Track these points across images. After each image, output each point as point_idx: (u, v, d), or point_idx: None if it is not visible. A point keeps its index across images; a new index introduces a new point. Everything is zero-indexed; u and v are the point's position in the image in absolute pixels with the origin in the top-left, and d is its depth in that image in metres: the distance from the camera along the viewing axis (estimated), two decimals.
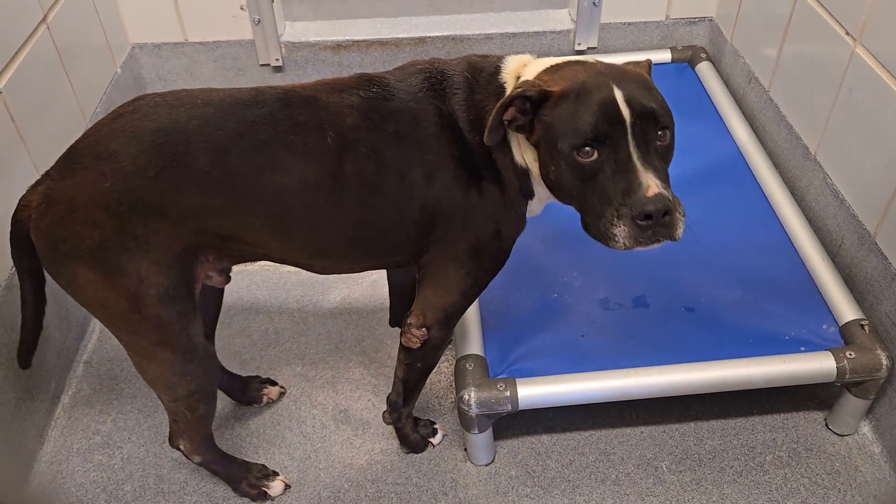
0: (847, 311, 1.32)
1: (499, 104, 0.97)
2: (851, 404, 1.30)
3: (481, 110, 1.06)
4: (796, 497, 1.26)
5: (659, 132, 0.96)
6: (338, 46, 2.01)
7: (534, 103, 0.97)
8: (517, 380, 1.24)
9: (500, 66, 1.07)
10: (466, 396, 1.22)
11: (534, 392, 1.23)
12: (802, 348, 1.28)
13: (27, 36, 1.46)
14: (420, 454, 1.35)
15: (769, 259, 1.45)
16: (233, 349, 1.51)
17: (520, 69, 1.05)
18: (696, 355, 1.28)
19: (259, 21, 1.95)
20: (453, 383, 1.37)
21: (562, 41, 2.04)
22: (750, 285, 1.40)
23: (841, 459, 1.31)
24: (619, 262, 1.47)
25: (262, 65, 2.03)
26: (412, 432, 1.34)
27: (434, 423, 1.38)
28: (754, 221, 1.53)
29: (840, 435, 1.35)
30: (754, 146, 1.69)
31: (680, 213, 0.96)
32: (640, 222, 0.93)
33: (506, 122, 0.99)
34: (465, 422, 1.26)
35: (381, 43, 2.01)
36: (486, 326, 1.35)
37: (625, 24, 2.03)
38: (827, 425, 1.36)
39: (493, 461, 1.33)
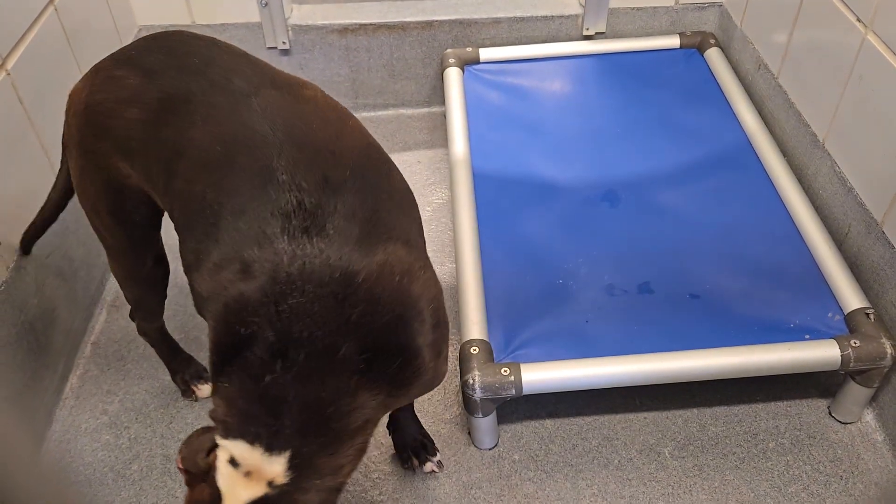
0: (852, 299, 1.32)
1: None
2: (855, 392, 1.31)
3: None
4: (798, 484, 1.26)
5: None
6: (345, 30, 2.00)
7: None
8: (521, 364, 1.24)
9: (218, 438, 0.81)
10: (471, 380, 1.23)
11: (538, 377, 1.24)
12: (807, 336, 1.28)
13: (35, 17, 1.46)
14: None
15: (775, 246, 1.45)
16: None
17: (230, 482, 0.79)
18: (700, 342, 1.28)
19: (266, 3, 1.94)
20: (458, 367, 1.38)
21: (570, 26, 2.03)
22: (755, 273, 1.40)
23: (843, 447, 1.31)
24: (625, 249, 1.47)
25: (269, 48, 2.03)
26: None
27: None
28: (761, 209, 1.53)
29: (843, 423, 1.35)
30: (762, 133, 1.69)
31: None
32: None
33: None
34: (470, 406, 1.27)
35: (388, 27, 2.00)
36: (490, 311, 1.35)
37: (634, 9, 2.02)
38: (830, 413, 1.36)
39: (496, 445, 1.34)
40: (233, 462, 0.80)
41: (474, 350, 1.27)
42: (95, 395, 1.45)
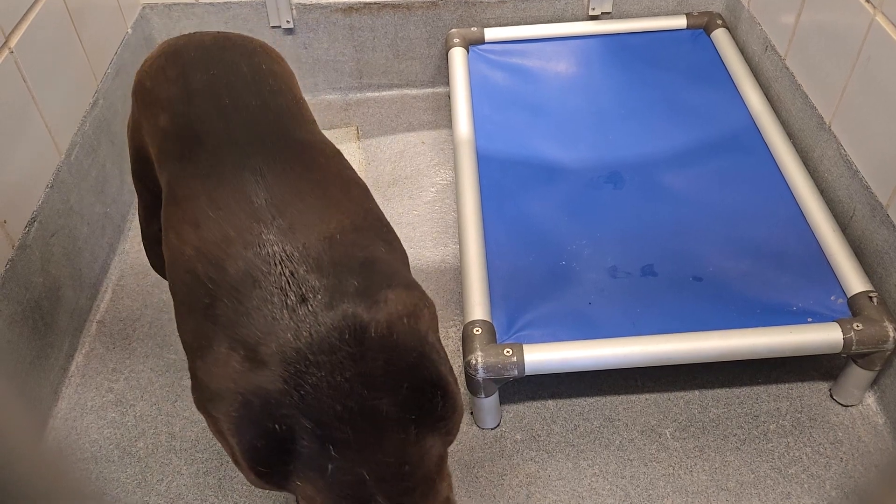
0: (856, 282, 1.32)
1: None
2: (857, 375, 1.31)
3: None
4: (798, 465, 1.27)
5: None
6: (349, 9, 1.99)
7: None
8: (524, 345, 1.25)
9: None
10: (473, 361, 1.24)
11: (540, 358, 1.24)
12: (809, 319, 1.29)
13: None
14: None
15: (779, 229, 1.45)
16: None
17: None
18: (702, 324, 1.28)
19: None
20: (461, 348, 1.38)
21: (575, 6, 2.01)
22: (759, 255, 1.40)
23: (844, 429, 1.32)
24: (628, 231, 1.47)
25: (273, 27, 2.02)
26: None
27: None
28: (765, 191, 1.53)
29: (844, 405, 1.36)
30: (768, 115, 1.68)
31: None
32: None
33: None
34: (472, 386, 1.27)
35: (393, 6, 1.99)
36: (493, 292, 1.36)
37: None
38: (831, 396, 1.37)
39: (498, 425, 1.35)
40: None
41: (477, 331, 1.27)
42: (101, 374, 1.46)
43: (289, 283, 0.79)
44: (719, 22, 1.96)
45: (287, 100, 1.01)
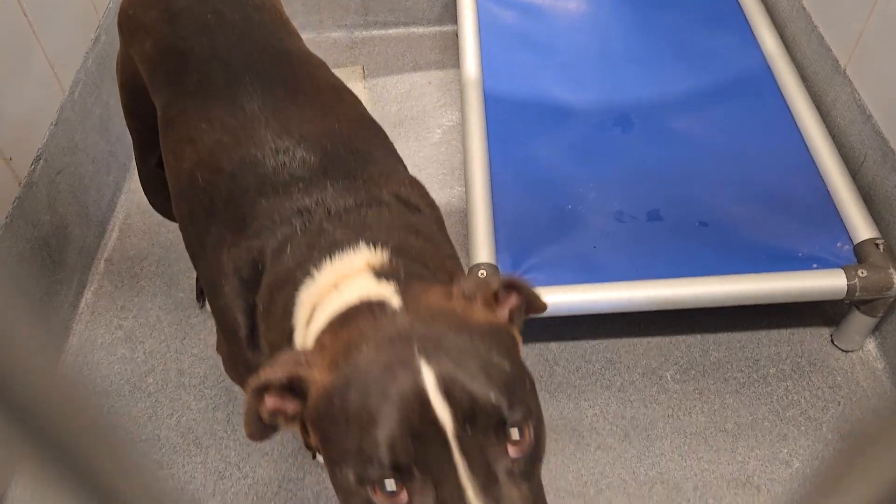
0: (863, 229, 1.31)
1: (248, 397, 0.65)
2: (859, 321, 1.32)
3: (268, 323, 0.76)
4: (796, 408, 1.29)
5: (511, 431, 0.58)
6: None
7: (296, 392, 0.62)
8: None
9: (297, 293, 0.71)
10: None
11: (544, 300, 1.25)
12: (815, 265, 1.29)
13: None
14: None
15: (788, 174, 1.44)
16: None
17: (319, 301, 0.69)
18: (707, 269, 1.28)
19: None
20: None
21: None
22: (767, 201, 1.40)
23: (843, 374, 1.34)
24: (635, 175, 1.46)
25: None
26: None
27: None
28: (776, 135, 1.51)
29: (845, 351, 1.37)
30: (782, 58, 1.64)
31: None
32: None
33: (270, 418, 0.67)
34: None
35: None
36: (498, 235, 1.36)
37: None
38: (832, 341, 1.38)
39: None
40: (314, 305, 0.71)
41: (482, 273, 1.28)
42: (110, 311, 1.48)
43: (284, 163, 0.82)
44: None
45: (271, 15, 1.01)
